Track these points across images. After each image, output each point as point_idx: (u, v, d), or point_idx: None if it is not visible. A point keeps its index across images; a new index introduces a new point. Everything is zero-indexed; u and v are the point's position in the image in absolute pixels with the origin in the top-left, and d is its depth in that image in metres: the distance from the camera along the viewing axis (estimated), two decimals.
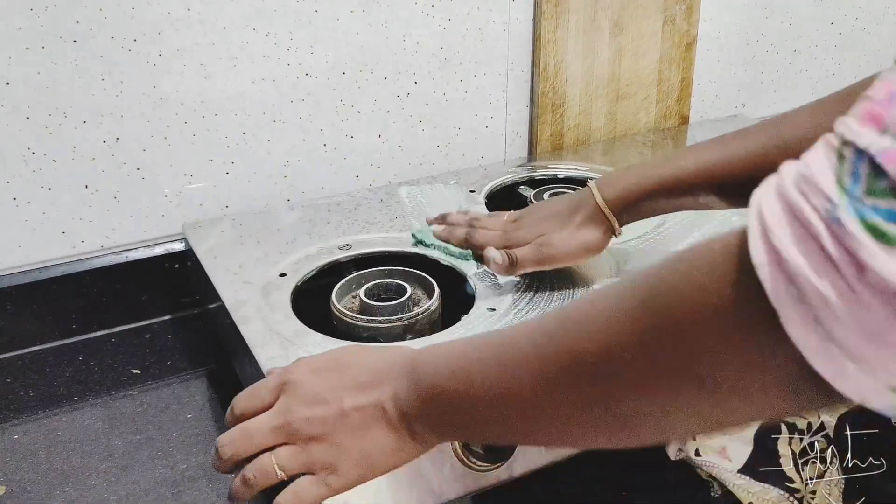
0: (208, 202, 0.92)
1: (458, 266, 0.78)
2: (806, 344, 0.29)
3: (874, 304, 0.27)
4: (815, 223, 0.28)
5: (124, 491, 0.66)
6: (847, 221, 0.27)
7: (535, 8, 1.02)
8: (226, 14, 0.85)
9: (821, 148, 0.29)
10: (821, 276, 0.28)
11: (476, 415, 0.46)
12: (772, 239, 0.29)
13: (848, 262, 0.27)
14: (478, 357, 0.45)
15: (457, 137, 1.04)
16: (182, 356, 0.84)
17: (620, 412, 0.38)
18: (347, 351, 0.54)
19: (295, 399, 0.51)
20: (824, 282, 0.28)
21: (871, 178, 0.27)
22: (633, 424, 0.39)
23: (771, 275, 0.29)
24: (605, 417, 0.39)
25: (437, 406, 0.47)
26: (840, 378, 0.29)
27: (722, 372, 0.33)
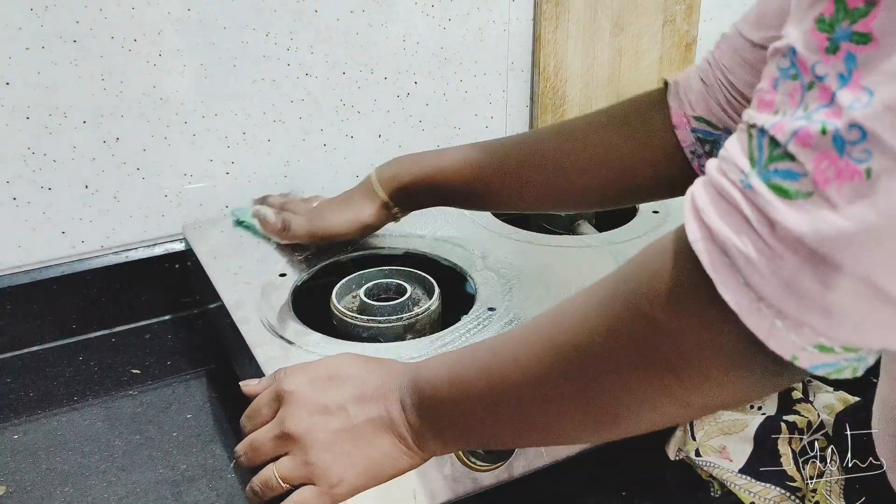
0: (208, 202, 0.92)
1: (458, 266, 0.78)
2: (739, 305, 0.32)
3: (786, 254, 0.30)
4: (733, 193, 0.32)
5: (124, 491, 0.66)
6: (756, 185, 0.31)
7: (535, 8, 1.02)
8: (226, 14, 0.85)
9: (735, 135, 0.34)
10: (742, 238, 0.32)
11: (475, 419, 0.47)
12: (702, 216, 0.33)
13: (761, 221, 0.31)
14: (473, 362, 0.47)
15: (457, 137, 1.04)
16: (182, 356, 0.84)
17: (603, 404, 0.41)
18: (345, 361, 0.54)
19: (294, 409, 0.52)
20: (745, 242, 0.31)
21: (770, 148, 0.31)
22: (616, 416, 0.41)
23: (705, 248, 0.33)
24: (590, 411, 0.42)
25: (439, 414, 0.48)
26: (771, 337, 0.32)
27: (683, 353, 0.36)
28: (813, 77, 0.31)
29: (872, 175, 0.29)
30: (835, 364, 0.33)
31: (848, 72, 0.29)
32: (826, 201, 0.29)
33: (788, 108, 0.31)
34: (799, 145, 0.30)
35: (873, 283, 0.29)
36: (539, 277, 0.75)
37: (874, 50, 0.29)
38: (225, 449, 0.71)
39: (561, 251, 0.81)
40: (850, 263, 0.29)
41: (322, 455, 0.50)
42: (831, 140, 0.29)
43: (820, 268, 0.30)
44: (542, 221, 0.94)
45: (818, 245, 0.30)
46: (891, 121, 0.28)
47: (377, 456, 0.50)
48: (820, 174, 0.30)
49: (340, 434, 0.50)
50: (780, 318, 0.32)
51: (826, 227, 0.29)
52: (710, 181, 0.34)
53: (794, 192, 0.30)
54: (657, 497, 0.67)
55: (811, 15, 0.31)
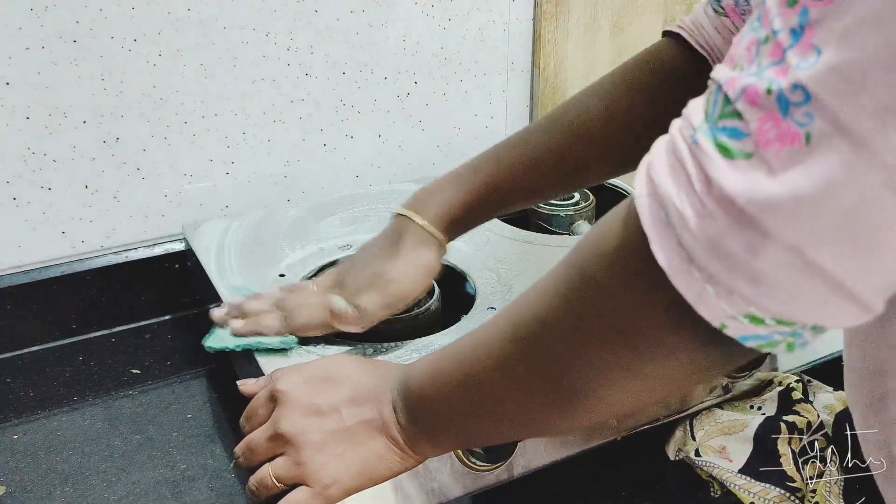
0: (208, 202, 0.92)
1: (458, 266, 0.78)
2: (670, 265, 0.31)
3: (717, 214, 0.30)
4: (681, 148, 0.31)
5: (124, 491, 0.66)
6: (702, 141, 0.30)
7: (535, 8, 1.02)
8: (226, 14, 0.85)
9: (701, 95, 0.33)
10: (680, 195, 0.31)
11: (456, 414, 0.47)
12: (651, 171, 0.33)
13: (700, 178, 0.30)
14: (451, 354, 0.47)
15: (457, 137, 1.04)
16: (182, 356, 0.84)
17: (562, 378, 0.40)
18: (338, 363, 0.55)
19: (288, 410, 0.52)
20: (683, 200, 0.31)
21: (723, 104, 0.30)
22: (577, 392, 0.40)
23: (647, 203, 0.32)
24: (552, 389, 0.41)
25: (426, 413, 0.48)
26: (700, 302, 0.31)
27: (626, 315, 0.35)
28: (770, 31, 0.30)
29: (812, 140, 0.28)
30: (767, 337, 0.32)
31: (800, 27, 0.28)
32: (764, 164, 0.29)
33: (744, 62, 0.31)
34: (746, 103, 0.29)
35: (802, 254, 0.29)
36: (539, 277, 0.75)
37: (828, 6, 0.28)
38: (225, 449, 0.71)
39: (561, 251, 0.80)
40: (778, 231, 0.28)
41: (315, 456, 0.50)
42: (776, 100, 0.28)
43: (748, 232, 0.29)
44: (541, 221, 0.94)
45: (748, 207, 0.29)
46: (834, 84, 0.27)
47: (371, 457, 0.50)
48: (762, 135, 0.29)
49: (333, 435, 0.50)
50: (711, 284, 0.31)
51: (758, 190, 0.29)
52: (668, 135, 0.33)
53: (736, 151, 0.29)
54: (657, 497, 0.67)
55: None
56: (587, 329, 0.38)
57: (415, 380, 0.49)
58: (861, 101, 0.27)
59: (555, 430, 0.47)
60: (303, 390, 0.52)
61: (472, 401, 0.46)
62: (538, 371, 0.41)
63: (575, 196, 0.95)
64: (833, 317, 0.31)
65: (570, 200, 0.95)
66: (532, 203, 0.72)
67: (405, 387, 0.50)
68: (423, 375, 0.49)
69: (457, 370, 0.46)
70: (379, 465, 0.50)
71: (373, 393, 0.51)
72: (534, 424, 0.46)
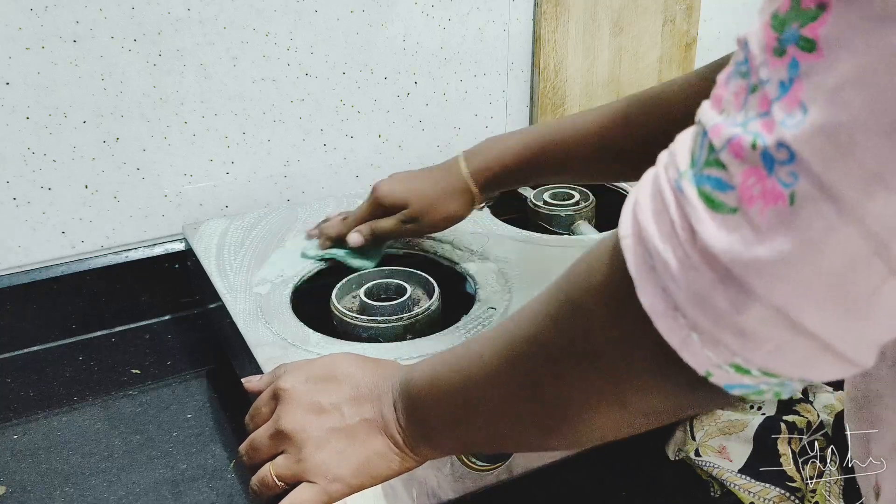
0: (208, 202, 0.92)
1: (458, 266, 0.78)
2: (654, 310, 0.31)
3: (702, 268, 0.29)
4: (666, 193, 0.31)
5: (124, 491, 0.66)
6: (687, 189, 0.30)
7: (535, 8, 1.02)
8: (226, 14, 0.85)
9: (689, 129, 0.32)
10: (665, 242, 0.30)
11: (453, 421, 0.47)
12: (637, 211, 0.32)
13: (685, 228, 0.30)
14: (450, 362, 0.47)
15: (457, 137, 1.04)
16: (182, 356, 0.84)
17: (550, 401, 0.40)
18: (341, 361, 0.55)
19: (290, 407, 0.52)
20: (667, 247, 0.30)
21: (709, 151, 0.29)
22: (564, 416, 0.41)
23: (632, 245, 0.32)
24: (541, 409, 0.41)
25: (425, 416, 0.48)
26: (686, 349, 0.31)
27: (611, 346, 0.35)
28: (757, 79, 0.29)
29: (796, 201, 0.27)
30: (753, 386, 0.31)
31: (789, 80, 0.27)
32: (748, 222, 0.28)
33: (732, 109, 0.30)
34: (731, 155, 0.28)
35: (787, 315, 0.28)
36: (539, 277, 0.75)
37: (818, 61, 0.26)
38: (225, 449, 0.71)
39: (561, 251, 0.81)
40: (762, 292, 0.28)
41: (316, 453, 0.50)
42: (760, 156, 0.28)
43: (732, 290, 0.28)
44: (541, 221, 0.94)
45: (732, 266, 0.28)
46: (820, 145, 0.26)
47: (371, 456, 0.50)
48: (746, 191, 0.28)
49: (335, 433, 0.50)
50: (696, 332, 0.30)
51: (742, 250, 0.28)
52: (654, 173, 0.32)
53: (720, 203, 0.29)
54: (657, 497, 0.67)
55: (770, 8, 0.29)
56: (575, 356, 0.38)
57: (414, 383, 0.49)
58: (847, 166, 0.26)
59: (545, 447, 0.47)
60: (305, 388, 0.53)
61: (467, 411, 0.46)
62: (527, 390, 0.42)
63: (575, 196, 0.95)
64: (821, 372, 0.30)
65: (570, 200, 0.95)
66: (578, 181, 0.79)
67: (405, 388, 0.50)
68: (422, 380, 0.49)
69: (453, 378, 0.46)
70: (380, 464, 0.50)
71: (374, 392, 0.51)
72: (524, 440, 0.47)
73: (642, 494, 0.67)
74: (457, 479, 0.58)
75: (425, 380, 0.49)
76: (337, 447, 0.50)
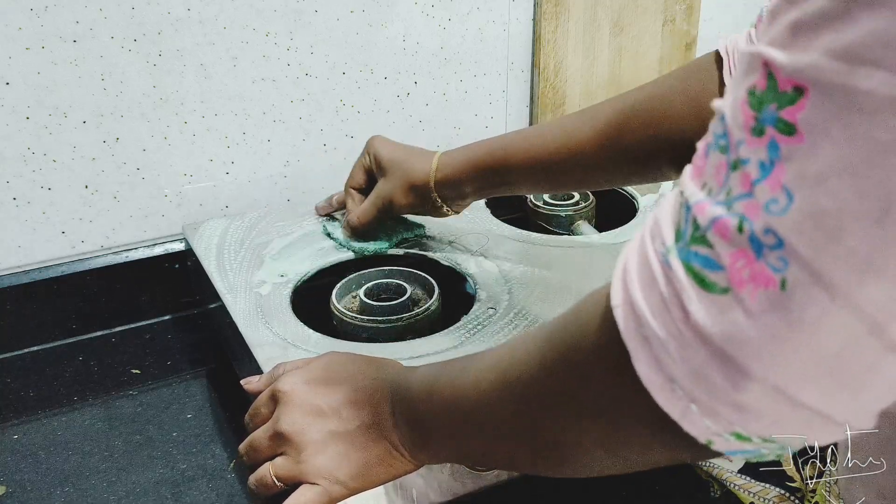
0: (208, 202, 0.92)
1: (458, 266, 0.78)
2: (652, 382, 0.31)
3: (697, 346, 0.29)
4: (654, 266, 0.30)
5: (124, 491, 0.66)
6: (674, 264, 0.29)
7: (535, 8, 1.02)
8: (226, 14, 0.85)
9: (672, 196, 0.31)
10: (656, 316, 0.30)
11: (447, 434, 0.48)
12: (627, 280, 0.31)
13: (676, 304, 0.29)
14: (448, 377, 0.47)
15: (457, 137, 1.04)
16: (182, 356, 0.84)
17: (546, 442, 0.40)
18: (340, 362, 0.55)
19: (289, 409, 0.52)
20: (659, 322, 0.30)
21: (693, 227, 0.29)
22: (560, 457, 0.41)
23: (623, 315, 0.31)
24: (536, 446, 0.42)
25: (422, 426, 0.49)
26: (685, 419, 0.30)
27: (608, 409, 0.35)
28: (737, 157, 0.28)
29: (788, 287, 0.27)
30: (755, 451, 0.31)
31: (770, 162, 0.27)
32: (739, 304, 0.28)
33: (714, 184, 0.29)
34: (718, 236, 0.28)
35: (783, 392, 0.28)
36: (539, 277, 0.75)
37: (799, 145, 0.26)
38: (225, 449, 0.71)
39: (561, 251, 0.81)
40: (758, 371, 0.28)
41: (316, 456, 0.50)
42: (748, 239, 0.27)
43: (728, 368, 0.28)
44: (541, 221, 0.94)
45: (727, 348, 0.28)
46: (809, 232, 0.26)
47: (370, 459, 0.50)
48: (735, 273, 0.28)
49: (334, 436, 0.51)
50: (695, 404, 0.30)
51: (736, 332, 0.28)
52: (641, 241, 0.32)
53: (711, 284, 0.28)
54: (657, 497, 0.67)
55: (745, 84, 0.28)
56: (570, 408, 0.38)
57: (413, 391, 0.49)
58: (837, 252, 0.26)
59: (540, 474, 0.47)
60: (303, 390, 0.53)
61: (461, 428, 0.46)
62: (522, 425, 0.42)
63: (575, 196, 0.95)
64: (822, 437, 0.30)
65: (570, 200, 0.95)
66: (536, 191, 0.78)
67: (404, 395, 0.50)
68: (420, 389, 0.49)
69: (449, 395, 0.46)
70: (378, 468, 0.50)
71: (373, 396, 0.51)
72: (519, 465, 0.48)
73: (642, 494, 0.67)
74: (456, 480, 0.58)
75: (424, 391, 0.49)
76: (337, 450, 0.50)
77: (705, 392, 0.29)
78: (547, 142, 0.68)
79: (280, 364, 0.57)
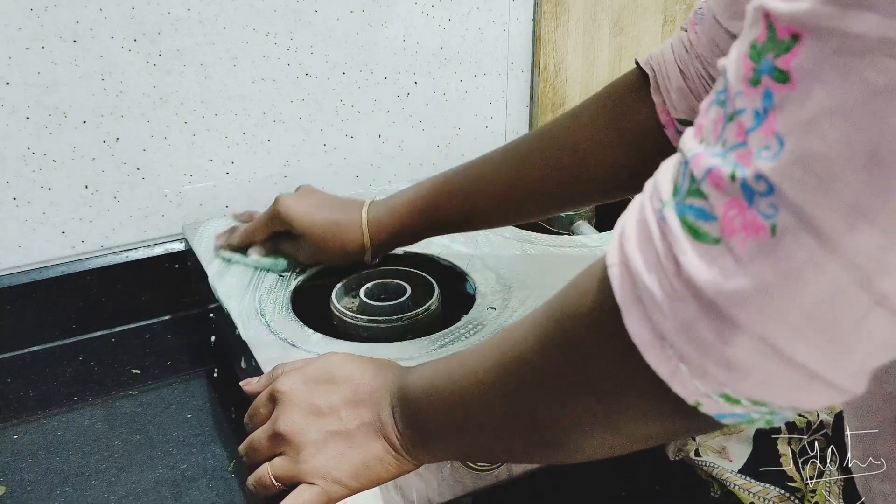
0: (208, 202, 0.92)
1: (458, 266, 0.78)
2: (642, 340, 0.31)
3: (688, 299, 0.29)
4: (650, 223, 0.31)
5: (124, 491, 0.66)
6: (670, 219, 0.30)
7: (535, 8, 1.02)
8: (226, 14, 0.85)
9: (673, 157, 0.32)
10: (650, 272, 0.30)
11: (447, 431, 0.48)
12: (623, 241, 0.32)
13: (669, 259, 0.29)
14: (446, 372, 0.47)
15: (457, 137, 1.04)
16: (182, 356, 0.84)
17: (542, 423, 0.41)
18: (339, 362, 0.55)
19: (287, 409, 0.52)
20: (652, 278, 0.30)
21: (690, 180, 0.29)
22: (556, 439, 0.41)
23: (619, 274, 0.32)
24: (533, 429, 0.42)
25: (421, 424, 0.49)
26: (674, 379, 0.31)
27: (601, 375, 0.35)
28: (734, 109, 0.29)
29: (777, 232, 0.27)
30: (744, 415, 0.31)
31: (764, 111, 0.27)
32: (730, 252, 0.28)
33: (711, 138, 0.30)
34: (711, 186, 0.29)
35: (771, 344, 0.28)
36: (539, 277, 0.75)
37: (791, 92, 0.26)
38: (225, 449, 0.71)
39: (561, 251, 0.81)
40: (746, 322, 0.28)
41: (315, 456, 0.50)
42: (740, 187, 0.28)
43: (717, 321, 0.28)
44: (542, 221, 0.94)
45: (716, 298, 0.28)
46: (799, 177, 0.26)
47: (369, 459, 0.50)
48: (727, 222, 0.28)
49: (333, 436, 0.51)
50: (684, 363, 0.30)
51: (725, 282, 0.28)
52: (639, 202, 0.33)
53: (704, 234, 0.29)
54: (657, 497, 0.67)
55: (749, 38, 0.29)
56: (565, 383, 0.38)
57: (412, 390, 0.50)
58: (827, 198, 0.26)
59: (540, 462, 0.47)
60: (302, 390, 0.53)
61: (462, 424, 0.46)
62: (520, 410, 0.42)
63: None
64: (811, 400, 0.30)
65: None
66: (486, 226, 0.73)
67: (402, 394, 0.50)
68: (419, 387, 0.49)
69: (449, 391, 0.46)
70: (378, 468, 0.50)
71: (373, 396, 0.51)
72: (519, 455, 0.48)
73: (642, 494, 0.67)
74: (456, 480, 0.58)
75: (421, 389, 0.49)
76: (336, 450, 0.50)
77: (694, 349, 0.29)
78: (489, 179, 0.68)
79: (279, 365, 0.57)
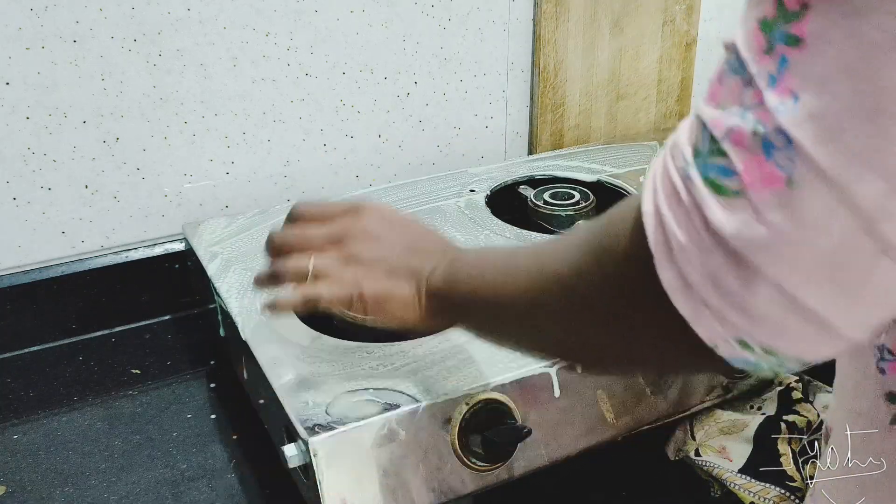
0: (208, 202, 0.92)
1: None
2: (671, 285, 0.33)
3: (715, 250, 0.31)
4: (675, 179, 0.33)
5: (124, 491, 0.66)
6: (694, 177, 0.32)
7: (535, 8, 1.02)
8: (226, 14, 0.85)
9: (688, 120, 0.35)
10: (679, 225, 0.33)
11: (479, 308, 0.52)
12: (655, 191, 0.34)
13: (696, 213, 0.32)
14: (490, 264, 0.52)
15: (457, 137, 1.04)
16: (182, 356, 0.84)
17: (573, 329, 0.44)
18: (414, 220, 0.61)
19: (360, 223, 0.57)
20: (681, 230, 0.32)
21: (711, 143, 0.32)
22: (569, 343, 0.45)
23: (652, 223, 0.34)
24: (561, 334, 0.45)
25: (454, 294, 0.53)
26: (696, 320, 0.33)
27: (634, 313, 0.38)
28: (750, 75, 0.31)
29: (794, 184, 0.29)
30: (755, 363, 0.34)
31: (778, 72, 0.30)
32: (750, 204, 0.30)
33: (729, 103, 0.32)
34: (732, 143, 0.31)
35: (784, 291, 0.30)
36: None
37: (803, 53, 0.29)
38: (225, 449, 0.71)
39: None
40: (765, 269, 0.30)
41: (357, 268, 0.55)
42: (761, 143, 0.30)
43: (741, 269, 0.31)
44: (542, 221, 0.94)
45: (740, 247, 0.31)
46: (813, 130, 0.28)
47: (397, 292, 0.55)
48: (748, 175, 0.30)
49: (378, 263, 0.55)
50: (708, 307, 0.33)
51: (747, 231, 0.30)
52: (663, 159, 0.35)
53: (725, 189, 0.31)
54: (657, 497, 0.67)
55: (754, 15, 0.31)
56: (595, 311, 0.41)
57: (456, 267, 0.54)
58: (837, 148, 0.28)
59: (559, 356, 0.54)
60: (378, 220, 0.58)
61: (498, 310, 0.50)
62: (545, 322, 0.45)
63: (575, 196, 0.95)
64: (817, 349, 0.33)
65: (570, 200, 0.95)
66: None
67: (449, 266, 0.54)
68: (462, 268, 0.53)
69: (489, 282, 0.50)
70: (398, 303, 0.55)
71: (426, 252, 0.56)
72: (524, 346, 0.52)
73: (642, 494, 0.67)
74: (457, 479, 0.58)
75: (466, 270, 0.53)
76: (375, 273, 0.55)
77: (718, 296, 0.32)
78: None
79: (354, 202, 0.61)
